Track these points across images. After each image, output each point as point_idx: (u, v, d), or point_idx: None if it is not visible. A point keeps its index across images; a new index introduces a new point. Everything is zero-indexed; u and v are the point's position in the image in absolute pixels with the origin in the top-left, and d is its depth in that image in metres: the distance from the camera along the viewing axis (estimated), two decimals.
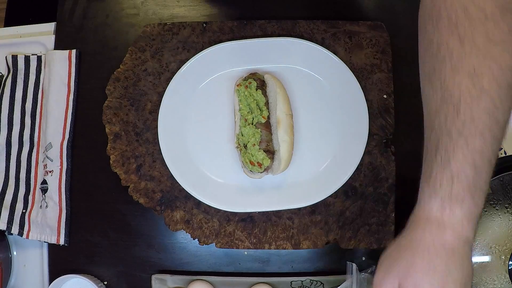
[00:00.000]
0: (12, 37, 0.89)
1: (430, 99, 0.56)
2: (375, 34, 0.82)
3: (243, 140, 0.75)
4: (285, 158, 0.74)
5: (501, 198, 0.64)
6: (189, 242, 0.81)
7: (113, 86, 0.82)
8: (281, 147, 0.74)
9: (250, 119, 0.76)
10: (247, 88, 0.76)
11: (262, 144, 0.74)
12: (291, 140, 0.75)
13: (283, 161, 0.74)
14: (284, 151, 0.74)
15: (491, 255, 0.62)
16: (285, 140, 0.74)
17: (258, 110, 0.76)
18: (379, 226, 0.78)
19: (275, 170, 0.75)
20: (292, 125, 0.76)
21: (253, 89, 0.76)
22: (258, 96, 0.76)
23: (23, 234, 0.81)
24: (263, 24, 0.83)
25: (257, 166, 0.74)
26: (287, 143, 0.74)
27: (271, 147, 0.75)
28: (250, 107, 0.76)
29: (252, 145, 0.74)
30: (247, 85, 0.76)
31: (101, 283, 0.80)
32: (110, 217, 0.82)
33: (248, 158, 0.74)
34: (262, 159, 0.74)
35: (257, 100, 0.76)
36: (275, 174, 0.76)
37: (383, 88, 0.81)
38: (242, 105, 0.77)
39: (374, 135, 0.80)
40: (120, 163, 0.80)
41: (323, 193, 0.77)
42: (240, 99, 0.77)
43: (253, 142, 0.74)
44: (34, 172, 0.84)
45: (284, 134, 0.74)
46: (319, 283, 0.79)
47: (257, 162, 0.74)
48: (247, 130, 0.75)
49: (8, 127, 0.85)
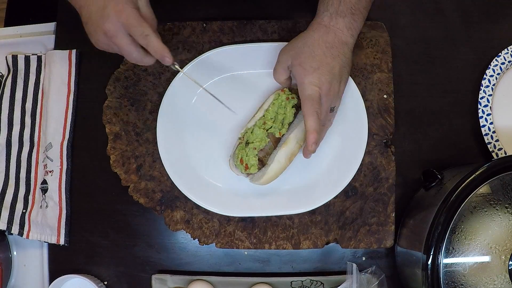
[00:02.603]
0: (12, 37, 0.90)
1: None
2: (375, 34, 0.82)
3: (249, 137, 0.75)
4: (269, 177, 0.73)
5: (501, 198, 0.64)
6: (189, 242, 0.81)
7: (113, 86, 0.82)
8: (273, 165, 0.73)
9: (268, 126, 0.75)
10: (288, 100, 0.76)
11: (261, 153, 0.74)
12: (285, 165, 0.74)
13: (266, 177, 0.73)
14: (272, 169, 0.73)
15: (491, 255, 0.62)
16: (280, 161, 0.73)
17: (280, 124, 0.75)
18: (379, 226, 0.78)
19: (255, 179, 0.74)
20: (295, 154, 0.74)
21: (290, 105, 0.76)
22: (289, 113, 0.75)
23: (23, 234, 0.81)
24: (263, 24, 0.83)
25: (244, 166, 0.74)
26: (280, 165, 0.73)
27: (266, 160, 0.75)
28: (276, 117, 0.76)
29: (253, 148, 0.73)
30: (288, 97, 0.76)
31: (101, 283, 0.80)
32: (110, 217, 0.82)
33: (241, 155, 0.74)
34: (251, 165, 0.73)
35: (286, 115, 0.75)
36: (253, 182, 0.75)
37: (383, 88, 0.81)
38: (271, 110, 0.76)
39: (374, 135, 0.80)
40: (120, 163, 0.80)
41: (323, 198, 0.77)
42: (274, 102, 0.76)
43: (256, 146, 0.73)
44: (34, 172, 0.84)
45: (283, 156, 0.73)
46: (319, 283, 0.79)
47: (246, 164, 0.73)
48: (259, 132, 0.74)
49: (8, 127, 0.85)
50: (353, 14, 0.71)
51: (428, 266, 0.62)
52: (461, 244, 0.63)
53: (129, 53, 0.66)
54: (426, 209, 0.70)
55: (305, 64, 0.70)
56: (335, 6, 0.70)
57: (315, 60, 0.70)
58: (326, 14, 0.71)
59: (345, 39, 0.71)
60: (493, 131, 0.81)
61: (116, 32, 0.64)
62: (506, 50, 0.84)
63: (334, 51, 0.71)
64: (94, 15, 0.64)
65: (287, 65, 0.73)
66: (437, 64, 0.86)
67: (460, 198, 0.63)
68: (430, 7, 0.87)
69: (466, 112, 0.84)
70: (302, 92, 0.70)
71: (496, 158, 0.81)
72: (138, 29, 0.64)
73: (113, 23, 0.63)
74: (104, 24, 0.63)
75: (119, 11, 0.63)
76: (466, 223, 0.63)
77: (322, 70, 0.69)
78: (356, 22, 0.71)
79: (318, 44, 0.71)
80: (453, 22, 0.87)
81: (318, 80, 0.69)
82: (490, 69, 0.83)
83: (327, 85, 0.70)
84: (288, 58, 0.73)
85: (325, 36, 0.71)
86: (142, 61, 0.68)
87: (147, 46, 0.65)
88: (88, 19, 0.65)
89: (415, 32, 0.87)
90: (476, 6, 0.87)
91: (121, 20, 0.63)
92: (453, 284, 0.63)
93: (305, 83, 0.69)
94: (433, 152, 0.83)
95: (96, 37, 0.66)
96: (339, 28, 0.71)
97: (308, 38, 0.72)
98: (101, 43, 0.66)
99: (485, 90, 0.82)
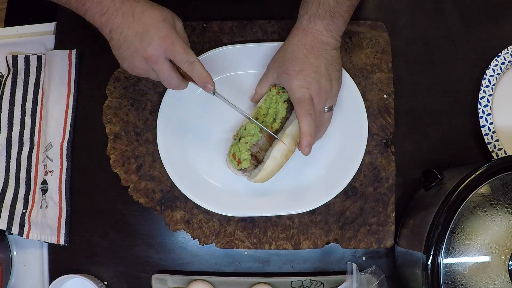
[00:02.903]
0: (12, 37, 0.90)
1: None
2: (375, 34, 0.82)
3: (242, 133, 0.75)
4: (265, 173, 0.72)
5: (501, 198, 0.64)
6: (189, 242, 0.81)
7: (113, 86, 0.82)
8: (268, 162, 0.72)
9: (260, 120, 0.75)
10: (278, 94, 0.75)
11: (254, 148, 0.74)
12: (281, 162, 0.73)
13: (262, 174, 0.72)
14: (268, 166, 0.72)
15: (491, 255, 0.62)
16: (275, 158, 0.72)
17: (273, 119, 0.75)
18: (379, 226, 0.78)
19: (252, 177, 0.74)
20: (291, 152, 0.74)
21: (282, 99, 0.75)
22: (281, 107, 0.75)
23: (23, 234, 0.80)
24: (263, 24, 0.83)
25: (236, 161, 0.73)
26: (276, 162, 0.72)
27: (260, 156, 0.75)
28: (268, 112, 0.76)
29: (245, 142, 0.73)
30: (279, 92, 0.75)
31: (101, 283, 0.80)
32: (110, 217, 0.82)
33: (234, 150, 0.74)
34: (244, 159, 0.73)
35: (277, 110, 0.75)
36: (250, 180, 0.75)
37: (383, 88, 0.81)
38: (264, 106, 0.76)
39: (374, 135, 0.80)
40: (120, 163, 0.80)
41: (323, 198, 0.77)
42: (265, 98, 0.76)
43: (248, 140, 0.73)
44: (34, 172, 0.84)
45: (278, 153, 0.72)
46: (319, 283, 0.79)
47: (238, 159, 0.73)
48: (251, 127, 0.74)
49: (8, 127, 0.85)
50: (332, 17, 0.70)
51: (428, 266, 0.62)
52: (461, 244, 0.63)
53: (169, 79, 0.66)
54: (426, 209, 0.70)
55: (289, 69, 0.70)
56: (313, 9, 0.70)
57: (297, 63, 0.70)
58: (305, 18, 0.71)
59: (326, 39, 0.71)
60: (493, 131, 0.81)
61: (158, 58, 0.64)
62: (506, 50, 0.84)
63: (315, 52, 0.70)
64: (132, 40, 0.64)
65: (272, 78, 0.74)
66: (437, 64, 0.86)
67: (460, 198, 0.63)
68: (430, 7, 0.87)
69: (466, 112, 0.84)
70: (293, 97, 0.70)
71: (496, 158, 0.81)
72: (184, 56, 0.64)
73: (156, 49, 0.63)
74: (147, 49, 0.63)
75: (163, 37, 0.63)
76: (466, 223, 0.63)
77: (306, 71, 0.69)
78: (336, 25, 0.71)
79: (297, 47, 0.71)
80: (453, 22, 0.87)
81: (305, 81, 0.69)
82: (490, 69, 0.83)
83: (316, 85, 0.69)
84: (273, 71, 0.73)
85: (304, 39, 0.71)
86: (178, 87, 0.68)
87: (191, 72, 0.65)
88: (123, 43, 0.64)
89: (415, 32, 0.87)
90: (476, 6, 0.87)
91: (165, 46, 0.63)
92: (453, 284, 0.63)
93: (293, 87, 0.69)
94: (433, 152, 0.83)
95: (132, 62, 0.65)
96: (317, 30, 0.70)
97: (288, 44, 0.72)
98: (138, 68, 0.66)
99: (485, 90, 0.82)
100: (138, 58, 0.64)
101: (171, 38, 0.64)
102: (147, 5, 0.66)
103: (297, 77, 0.69)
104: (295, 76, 0.69)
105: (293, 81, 0.69)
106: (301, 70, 0.69)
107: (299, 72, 0.69)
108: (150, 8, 0.66)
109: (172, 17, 0.67)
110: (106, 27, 0.65)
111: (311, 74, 0.69)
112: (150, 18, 0.64)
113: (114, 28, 0.64)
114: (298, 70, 0.69)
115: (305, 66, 0.70)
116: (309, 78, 0.69)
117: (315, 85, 0.69)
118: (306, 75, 0.69)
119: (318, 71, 0.70)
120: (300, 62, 0.70)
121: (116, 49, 0.66)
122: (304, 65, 0.70)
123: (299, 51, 0.70)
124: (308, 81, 0.69)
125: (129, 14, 0.64)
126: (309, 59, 0.70)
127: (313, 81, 0.69)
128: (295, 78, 0.69)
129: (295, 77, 0.69)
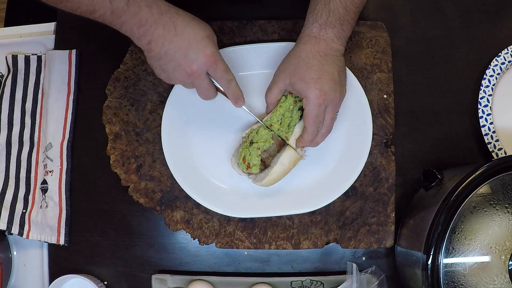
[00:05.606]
0: (12, 37, 0.90)
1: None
2: (375, 34, 0.82)
3: (254, 137, 0.75)
4: (271, 178, 0.73)
5: (501, 198, 0.64)
6: (189, 242, 0.81)
7: (113, 86, 0.82)
8: (276, 167, 0.73)
9: (275, 128, 0.75)
10: (295, 103, 0.75)
11: (264, 153, 0.74)
12: (288, 168, 0.74)
13: (269, 178, 0.73)
14: (275, 171, 0.73)
15: (491, 255, 0.62)
16: (283, 163, 0.73)
17: (287, 127, 0.75)
18: (379, 226, 0.78)
19: (257, 180, 0.74)
20: (299, 159, 0.75)
21: (297, 108, 0.75)
22: (295, 116, 0.75)
23: (23, 234, 0.80)
24: (263, 24, 0.83)
25: (245, 165, 0.73)
26: (283, 167, 0.73)
27: (269, 161, 0.75)
28: (283, 119, 0.75)
29: (257, 148, 0.73)
30: (296, 101, 0.75)
31: (101, 283, 0.80)
32: (110, 217, 0.82)
33: (245, 153, 0.74)
34: (254, 164, 0.73)
35: (292, 118, 0.75)
36: (255, 183, 0.75)
37: (383, 88, 0.81)
38: (278, 111, 0.75)
39: (374, 135, 0.80)
40: (120, 163, 0.80)
41: (328, 198, 0.77)
42: (281, 105, 0.75)
43: (260, 146, 0.73)
44: (34, 172, 0.84)
45: (286, 159, 0.73)
46: (319, 283, 0.79)
47: (248, 163, 0.73)
48: (264, 133, 0.74)
49: (8, 127, 0.85)
50: (342, 25, 0.71)
51: (428, 266, 0.62)
52: (461, 244, 0.63)
53: (207, 92, 0.70)
54: (426, 209, 0.70)
55: (306, 77, 0.70)
56: (324, 17, 0.70)
57: (314, 70, 0.70)
58: (316, 25, 0.71)
59: (336, 46, 0.72)
60: (493, 131, 0.81)
61: (201, 74, 0.67)
62: (506, 50, 0.84)
63: (329, 58, 0.71)
64: (175, 54, 0.65)
65: (284, 85, 0.73)
66: (437, 64, 0.86)
67: (460, 198, 0.63)
68: (430, 7, 0.87)
69: (466, 112, 0.84)
70: (308, 104, 0.70)
71: (496, 158, 0.81)
72: (224, 75, 0.68)
73: (200, 66, 0.66)
74: (192, 66, 0.65)
75: (208, 55, 0.65)
76: (466, 223, 0.63)
77: (323, 79, 0.70)
78: (345, 32, 0.72)
79: (312, 55, 0.71)
80: (453, 22, 0.87)
81: (322, 90, 0.69)
82: (490, 69, 0.83)
83: (332, 94, 0.70)
84: (286, 77, 0.72)
85: (317, 46, 0.71)
86: (211, 98, 0.71)
87: (227, 89, 0.70)
88: (164, 56, 0.65)
89: (415, 32, 0.87)
90: (476, 6, 0.87)
91: (209, 64, 0.66)
92: (453, 284, 0.63)
93: (310, 96, 0.69)
94: (433, 152, 0.83)
95: (173, 74, 0.67)
96: (329, 38, 0.71)
97: (300, 51, 0.71)
98: (177, 79, 0.68)
99: (485, 90, 0.82)
100: (180, 72, 0.66)
101: (215, 56, 0.66)
102: (188, 18, 0.67)
103: (315, 85, 0.69)
104: (313, 84, 0.69)
105: (310, 89, 0.69)
106: (318, 78, 0.69)
107: (317, 80, 0.69)
108: (193, 22, 0.66)
109: (213, 34, 0.68)
110: (145, 38, 0.65)
111: (328, 82, 0.70)
112: (194, 33, 0.65)
113: (154, 39, 0.64)
114: (315, 78, 0.69)
115: (322, 74, 0.70)
116: (326, 86, 0.69)
117: (331, 94, 0.70)
118: (324, 83, 0.69)
119: (333, 79, 0.70)
120: (316, 69, 0.70)
121: (154, 60, 0.67)
122: (321, 73, 0.70)
123: (314, 58, 0.70)
124: (325, 89, 0.69)
125: (170, 27, 0.64)
126: (324, 66, 0.70)
127: (330, 89, 0.70)
128: (313, 87, 0.69)
129: (313, 85, 0.69)
